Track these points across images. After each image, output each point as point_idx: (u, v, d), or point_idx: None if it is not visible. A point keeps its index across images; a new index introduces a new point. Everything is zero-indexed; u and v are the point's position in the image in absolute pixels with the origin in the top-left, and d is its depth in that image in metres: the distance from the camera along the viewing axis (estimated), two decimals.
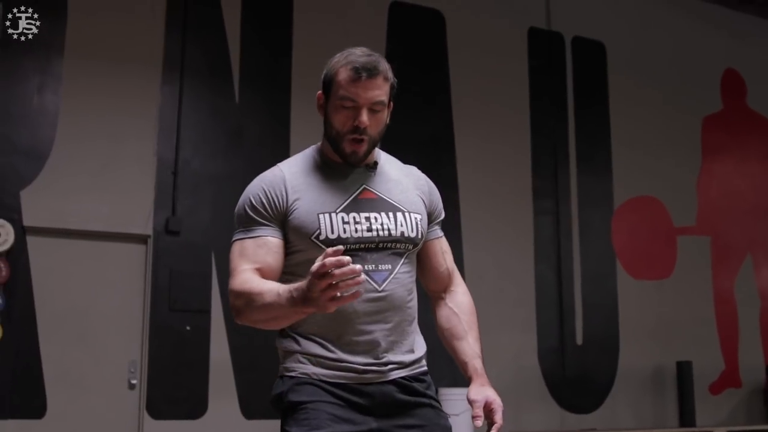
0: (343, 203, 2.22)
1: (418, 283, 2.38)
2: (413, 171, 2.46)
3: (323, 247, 2.10)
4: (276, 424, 2.16)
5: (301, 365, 2.20)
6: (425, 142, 7.10)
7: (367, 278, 2.16)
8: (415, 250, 2.32)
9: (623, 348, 7.92)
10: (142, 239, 6.15)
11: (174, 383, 6.00)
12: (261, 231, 2.22)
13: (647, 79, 8.57)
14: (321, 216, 2.18)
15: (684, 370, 7.93)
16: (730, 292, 8.69)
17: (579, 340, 7.72)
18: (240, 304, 2.13)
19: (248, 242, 2.21)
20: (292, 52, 6.83)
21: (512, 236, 7.56)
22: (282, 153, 6.52)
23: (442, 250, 2.44)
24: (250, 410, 6.18)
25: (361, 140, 2.23)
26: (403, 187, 2.35)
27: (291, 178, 2.27)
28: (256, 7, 6.77)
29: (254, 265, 2.17)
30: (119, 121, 6.15)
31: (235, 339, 6.22)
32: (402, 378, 2.21)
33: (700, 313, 8.43)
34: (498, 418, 2.20)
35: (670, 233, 8.45)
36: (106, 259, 6.08)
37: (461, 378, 2.35)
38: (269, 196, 2.24)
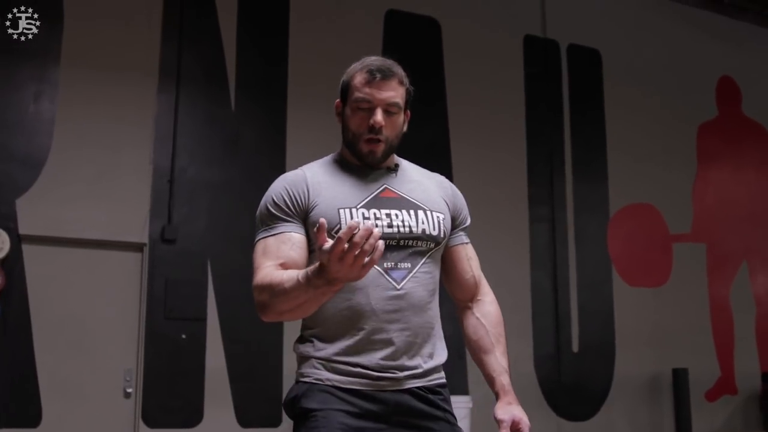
0: (364, 200, 2.23)
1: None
2: (437, 176, 2.47)
3: None
4: None
5: (315, 371, 2.18)
6: (421, 149, 7.06)
7: (386, 276, 2.16)
8: (438, 250, 2.31)
9: (619, 355, 7.92)
10: (138, 247, 6.15)
11: (169, 392, 5.99)
12: (283, 227, 2.21)
13: (643, 87, 8.59)
14: (341, 211, 2.18)
15: (680, 378, 7.93)
16: (725, 299, 8.70)
17: (575, 348, 7.73)
18: (264, 298, 2.12)
19: (270, 240, 2.21)
20: (288, 60, 6.84)
21: (508, 243, 7.56)
22: (278, 161, 6.56)
23: (467, 256, 2.45)
24: (245, 419, 6.17)
25: (378, 140, 2.24)
26: (425, 188, 2.36)
27: (312, 177, 2.28)
28: (252, 15, 6.78)
29: (277, 260, 2.16)
30: (115, 129, 6.15)
31: (230, 347, 6.21)
32: (417, 388, 2.18)
33: (695, 320, 8.44)
34: None
35: (666, 240, 8.46)
36: (102, 267, 6.07)
37: (460, 385, 2.35)
38: (291, 193, 2.25)
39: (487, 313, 2.41)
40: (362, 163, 2.28)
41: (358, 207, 2.20)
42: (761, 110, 9.41)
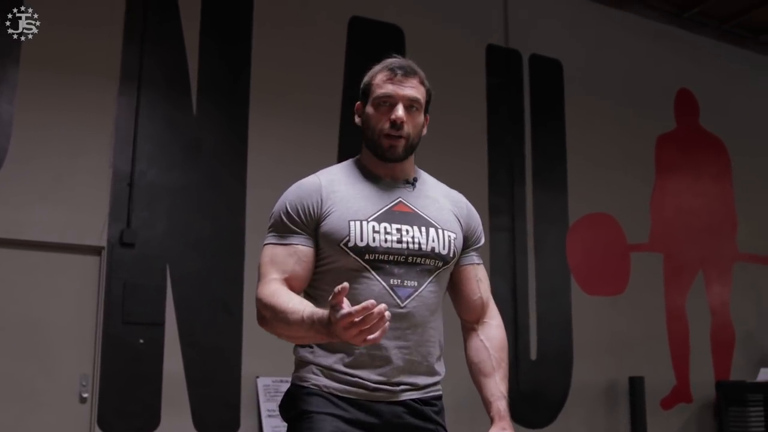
0: (376, 213, 2.23)
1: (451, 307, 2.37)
2: (454, 194, 2.47)
3: (351, 254, 2.15)
4: None
5: (313, 376, 2.19)
6: None
7: (391, 293, 2.17)
8: (446, 270, 2.32)
9: (577, 363, 7.99)
10: (96, 251, 6.09)
11: (126, 397, 5.94)
12: (293, 239, 2.22)
13: (603, 98, 8.69)
14: (352, 223, 2.19)
15: (636, 385, 8.03)
16: (681, 309, 8.82)
17: (533, 356, 7.78)
18: (267, 315, 2.13)
19: (279, 249, 2.22)
20: (251, 66, 6.82)
21: None
22: (239, 167, 6.54)
23: (477, 277, 2.45)
24: (203, 424, 6.13)
25: (399, 137, 2.25)
26: (440, 206, 2.36)
27: (327, 185, 2.27)
28: (215, 19, 6.76)
29: (283, 274, 2.18)
30: (75, 132, 6.09)
31: (188, 352, 6.18)
32: (413, 400, 2.20)
33: (652, 329, 8.55)
34: None
35: (624, 250, 8.56)
36: (60, 270, 6.01)
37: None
38: (304, 204, 2.25)
39: (492, 337, 2.42)
40: (382, 159, 2.28)
41: (369, 220, 2.20)
42: (718, 123, 9.56)
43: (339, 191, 2.25)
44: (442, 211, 2.34)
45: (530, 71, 8.36)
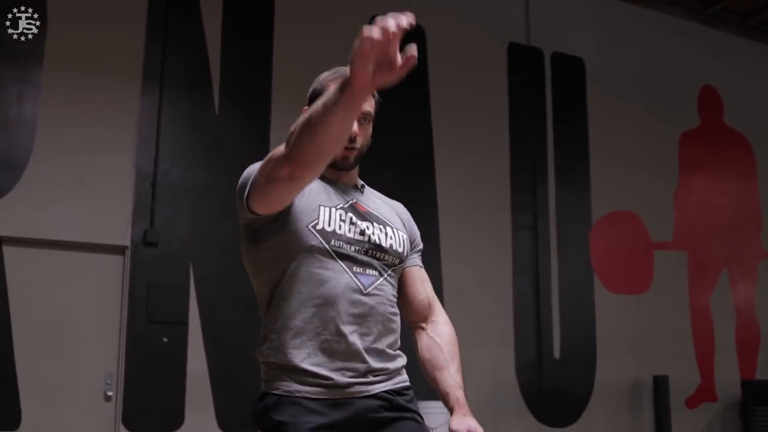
0: (340, 205, 2.27)
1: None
2: (394, 201, 2.52)
3: (317, 236, 2.16)
4: None
5: (284, 383, 2.18)
6: (404, 156, 7.12)
7: (354, 279, 2.19)
8: (401, 267, 2.36)
9: (600, 362, 7.95)
10: (119, 250, 6.13)
11: (150, 395, 5.97)
12: None
13: (625, 95, 8.64)
14: (321, 208, 2.21)
15: (660, 384, 7.98)
16: (706, 307, 8.76)
17: (556, 354, 7.75)
18: (289, 144, 1.98)
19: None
20: (272, 64, 6.84)
21: (491, 250, 7.59)
22: None
23: (421, 278, 2.46)
24: (226, 423, 6.15)
25: (352, 148, 2.29)
26: (388, 210, 2.42)
27: None
28: (236, 18, 6.78)
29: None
30: (98, 131, 6.13)
31: (212, 351, 6.20)
32: (385, 392, 2.20)
33: (676, 328, 8.49)
34: None
35: (648, 248, 8.51)
36: (84, 270, 6.05)
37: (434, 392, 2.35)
38: None
39: (440, 333, 2.41)
40: (333, 167, 2.29)
41: (337, 207, 2.24)
42: (743, 120, 9.48)
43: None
44: (390, 214, 2.40)
45: (552, 69, 8.33)
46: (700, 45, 9.32)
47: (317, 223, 2.18)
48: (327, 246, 2.18)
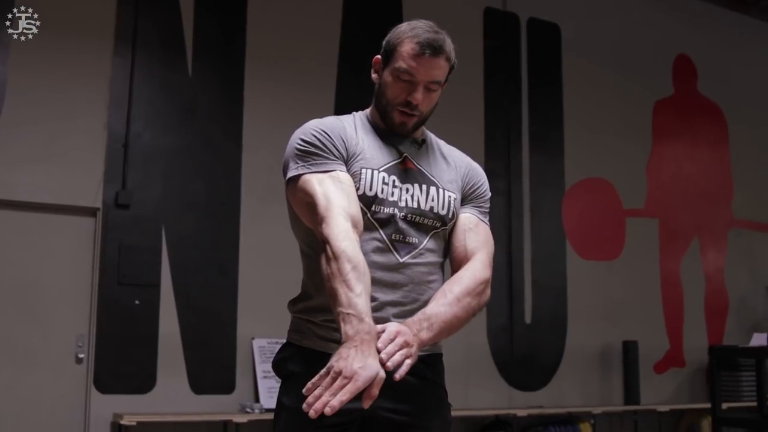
0: (385, 165, 2.18)
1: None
2: (457, 154, 2.45)
3: (359, 202, 2.07)
4: (223, 399, 2.16)
5: (304, 335, 2.15)
6: None
7: (390, 247, 2.11)
8: (445, 229, 2.25)
9: (571, 327, 8.03)
10: (91, 212, 6.08)
11: (122, 358, 5.96)
12: (331, 165, 2.08)
13: (601, 62, 8.65)
14: (364, 170, 2.13)
15: (630, 350, 8.09)
16: (676, 274, 8.85)
17: (528, 319, 7.81)
18: (329, 270, 1.91)
19: (323, 177, 2.04)
20: (246, 28, 6.75)
21: None
22: (235, 129, 6.51)
23: (465, 227, 2.30)
24: (198, 385, 6.17)
25: (412, 115, 2.20)
26: (444, 166, 2.33)
27: (346, 127, 2.21)
28: None
29: (347, 215, 1.98)
30: (69, 92, 6.05)
31: (184, 314, 6.20)
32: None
33: (646, 294, 8.58)
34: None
35: (620, 215, 8.57)
36: (55, 231, 6.01)
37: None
38: (335, 133, 2.15)
39: (454, 279, 2.18)
40: (390, 130, 2.24)
41: (380, 170, 2.16)
42: (717, 90, 9.51)
43: (353, 137, 2.19)
44: (445, 171, 2.31)
45: (528, 35, 8.31)
46: (677, 13, 9.32)
47: (358, 189, 2.10)
48: (367, 211, 2.11)
